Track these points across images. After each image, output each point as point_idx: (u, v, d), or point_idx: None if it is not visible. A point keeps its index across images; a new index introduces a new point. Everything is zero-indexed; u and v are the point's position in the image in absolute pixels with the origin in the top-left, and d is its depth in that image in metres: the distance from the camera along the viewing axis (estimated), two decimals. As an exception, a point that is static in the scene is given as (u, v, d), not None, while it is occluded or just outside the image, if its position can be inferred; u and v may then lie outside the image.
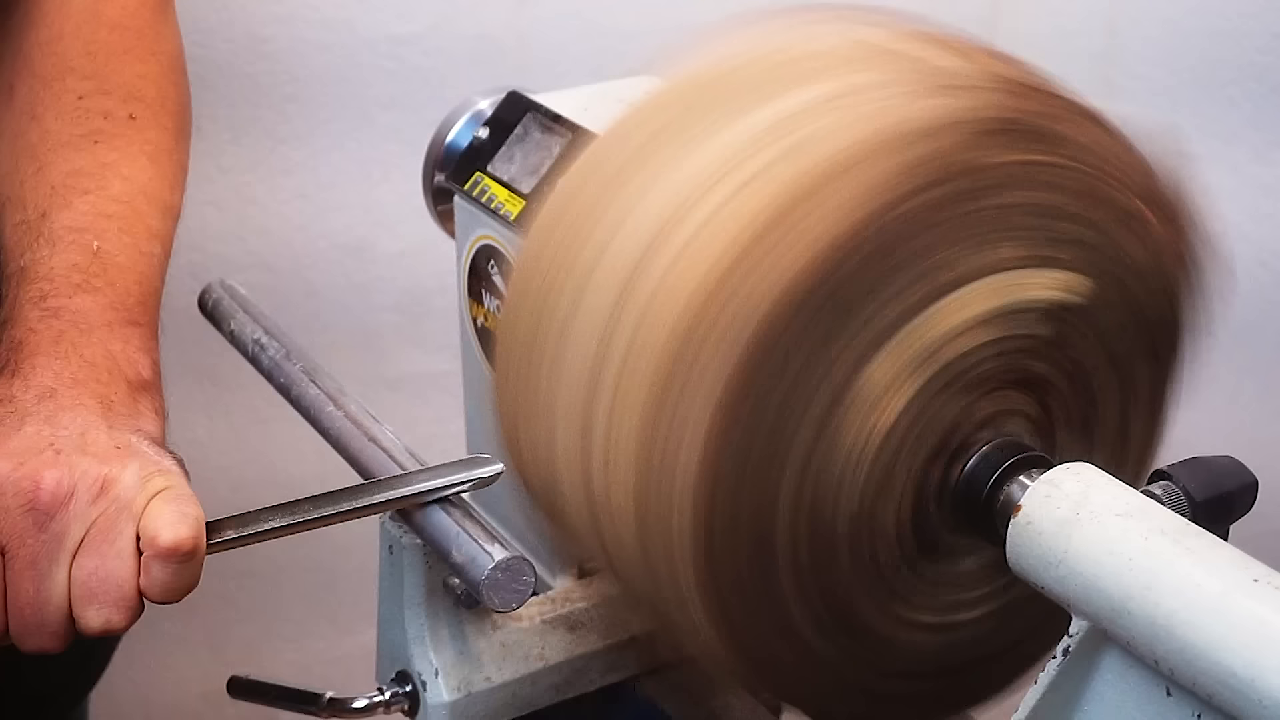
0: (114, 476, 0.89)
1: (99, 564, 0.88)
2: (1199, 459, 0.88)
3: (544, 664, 1.05)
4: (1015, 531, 0.82)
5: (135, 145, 1.07)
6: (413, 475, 0.97)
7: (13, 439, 0.90)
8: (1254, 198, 1.77)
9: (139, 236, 1.03)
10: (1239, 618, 0.73)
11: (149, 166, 1.07)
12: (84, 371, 0.95)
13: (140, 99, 1.09)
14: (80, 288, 0.99)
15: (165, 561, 0.88)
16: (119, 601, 0.88)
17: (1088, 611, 0.80)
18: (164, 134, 1.09)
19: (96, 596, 0.88)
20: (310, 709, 1.04)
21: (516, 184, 1.09)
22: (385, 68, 1.67)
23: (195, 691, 1.81)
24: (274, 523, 0.93)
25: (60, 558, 0.88)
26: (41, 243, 1.01)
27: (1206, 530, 0.79)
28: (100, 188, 1.04)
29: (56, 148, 1.05)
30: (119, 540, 0.88)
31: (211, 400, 1.70)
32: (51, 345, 0.96)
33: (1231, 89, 1.76)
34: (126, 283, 1.01)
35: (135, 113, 1.08)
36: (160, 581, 0.89)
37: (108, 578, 0.88)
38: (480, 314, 1.12)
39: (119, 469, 0.89)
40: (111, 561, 0.88)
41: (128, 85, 1.09)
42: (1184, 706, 0.77)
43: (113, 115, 1.07)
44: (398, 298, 1.76)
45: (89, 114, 1.07)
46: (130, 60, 1.10)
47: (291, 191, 1.70)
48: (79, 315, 0.98)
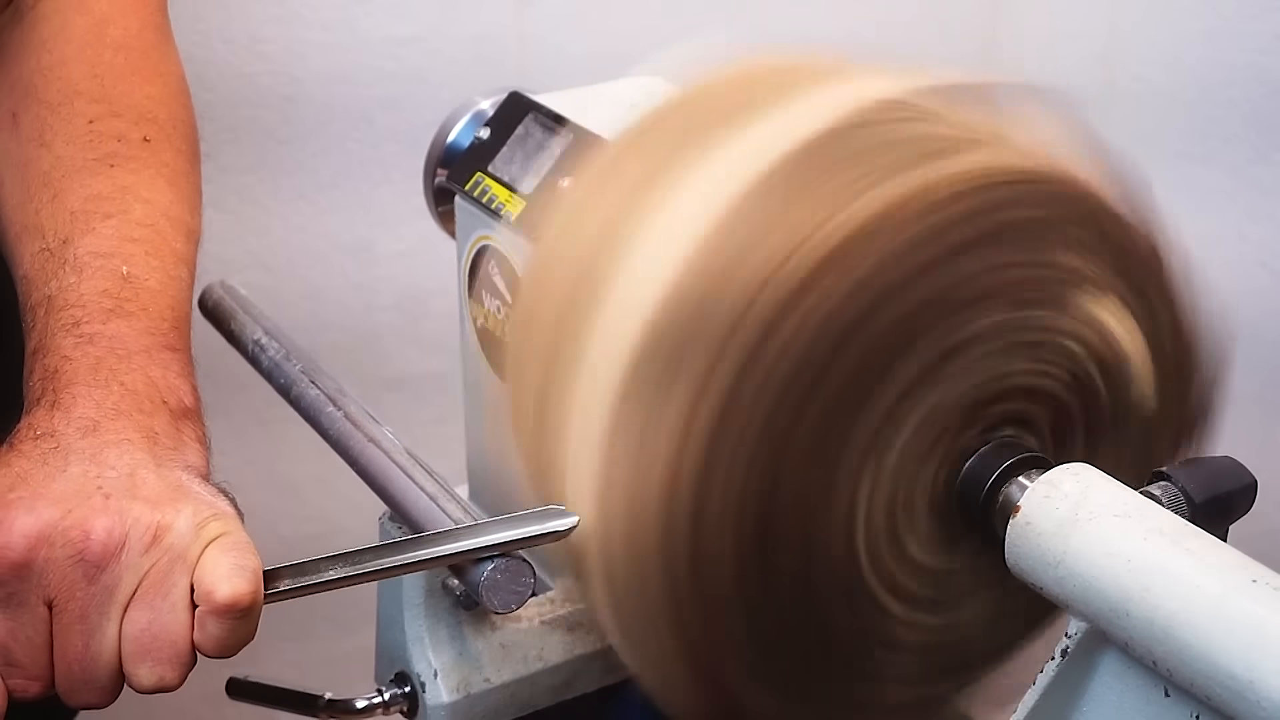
0: (167, 524, 0.84)
1: (152, 618, 0.83)
2: (1198, 459, 0.88)
3: (543, 665, 1.05)
4: (1014, 532, 0.82)
5: (152, 168, 1.03)
6: (482, 526, 0.92)
7: (58, 480, 0.85)
8: (1254, 198, 1.77)
9: (166, 260, 1.00)
10: (1238, 619, 0.73)
11: (168, 190, 1.03)
12: (126, 401, 0.90)
13: (153, 120, 1.06)
14: (114, 313, 0.94)
15: (222, 618, 0.83)
16: (173, 659, 0.84)
17: (1086, 612, 0.80)
18: (179, 156, 1.06)
19: (150, 653, 0.84)
20: (309, 710, 1.04)
21: (517, 184, 1.09)
22: (385, 68, 1.67)
23: (195, 692, 1.81)
24: (333, 573, 0.88)
25: (111, 611, 0.83)
26: (67, 270, 0.97)
27: (1205, 531, 0.79)
28: (122, 211, 1.00)
29: (71, 173, 1.01)
30: (173, 593, 0.83)
31: (211, 400, 1.69)
32: (90, 373, 0.91)
33: (1231, 89, 1.76)
34: (160, 307, 0.97)
35: (149, 135, 1.05)
36: (215, 637, 0.84)
37: (161, 633, 0.83)
38: (481, 314, 1.12)
39: (172, 515, 0.84)
40: (165, 616, 0.83)
41: (138, 107, 1.06)
42: (1182, 707, 0.77)
43: (126, 138, 1.04)
44: (398, 298, 1.76)
45: (102, 137, 1.03)
46: (138, 82, 1.07)
47: (291, 192, 1.70)
48: (115, 341, 0.93)
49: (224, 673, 1.07)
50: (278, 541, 1.81)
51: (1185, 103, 1.77)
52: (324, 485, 1.68)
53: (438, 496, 0.96)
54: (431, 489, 0.97)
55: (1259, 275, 1.76)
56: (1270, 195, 1.78)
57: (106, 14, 1.08)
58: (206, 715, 1.82)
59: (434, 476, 0.99)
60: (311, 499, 1.76)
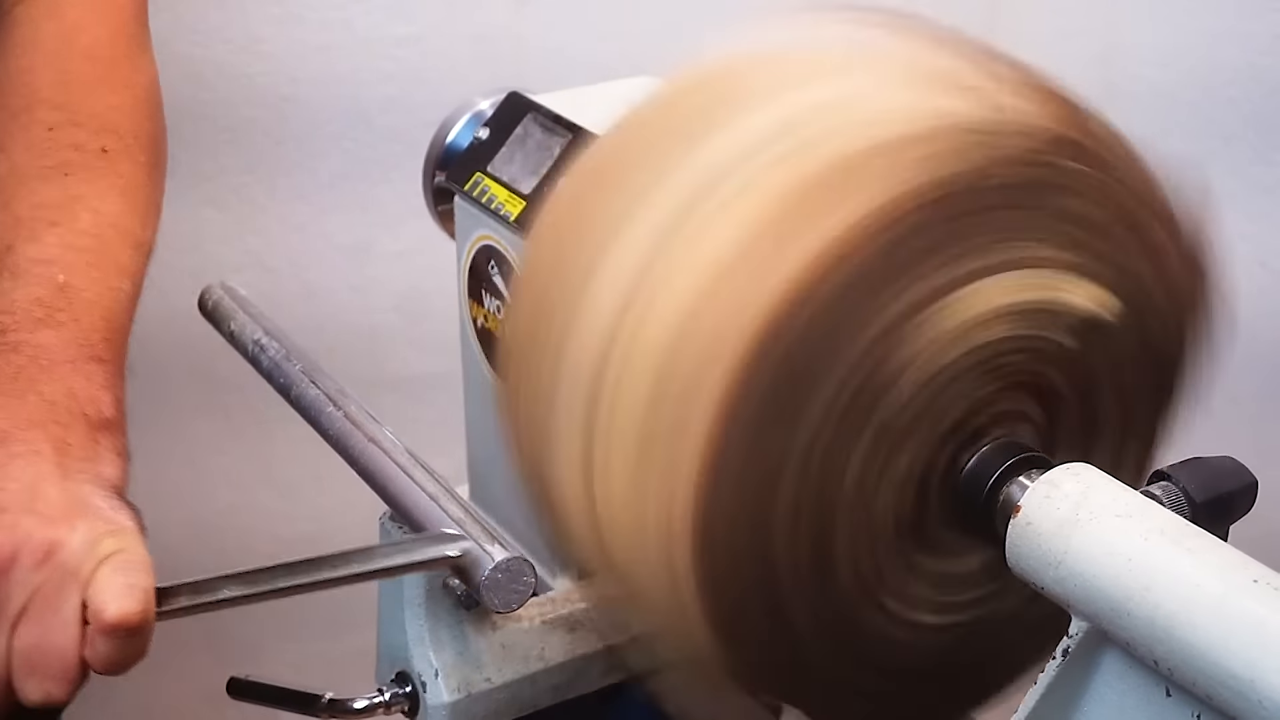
0: (60, 540, 0.84)
1: (41, 634, 0.83)
2: (1199, 459, 0.87)
3: (544, 665, 1.05)
4: (1015, 532, 0.82)
5: (107, 179, 1.03)
6: (377, 549, 0.95)
7: None
8: (1254, 198, 1.77)
9: (108, 271, 0.99)
10: (1238, 618, 0.73)
11: (119, 201, 1.03)
12: (41, 412, 0.90)
13: (113, 131, 1.05)
14: (43, 322, 0.95)
15: (110, 636, 0.83)
16: (61, 674, 0.84)
17: (1087, 612, 0.79)
18: (137, 168, 1.05)
19: (38, 669, 0.84)
20: (310, 710, 1.03)
21: (517, 184, 1.09)
22: (384, 68, 1.67)
23: (195, 692, 1.81)
24: (229, 592, 0.88)
25: (0, 626, 0.84)
26: (5, 276, 0.96)
27: (1206, 531, 0.79)
28: (69, 220, 1.00)
29: (25, 180, 1.01)
30: (63, 609, 0.83)
31: (211, 400, 1.70)
32: (9, 382, 0.91)
33: (1231, 89, 1.76)
34: (92, 318, 0.96)
35: (108, 145, 1.04)
36: (104, 655, 0.84)
37: (50, 649, 0.83)
38: (480, 315, 1.12)
39: (66, 531, 0.84)
40: (55, 633, 0.83)
41: (100, 117, 1.05)
42: (1183, 707, 0.77)
43: (84, 147, 1.03)
44: (397, 298, 1.76)
45: (59, 146, 1.03)
46: (104, 92, 1.06)
47: (291, 192, 1.70)
48: (40, 350, 0.93)
49: (225, 672, 1.07)
50: (277, 542, 1.81)
51: (1184, 103, 1.77)
52: (324, 485, 1.68)
53: (438, 496, 0.97)
54: (432, 489, 0.97)
55: (1259, 275, 1.76)
56: (1270, 195, 1.78)
57: (78, 22, 1.08)
58: (206, 715, 1.82)
59: (434, 476, 0.99)
60: (311, 499, 1.76)
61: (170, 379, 1.69)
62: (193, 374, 1.68)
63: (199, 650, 1.82)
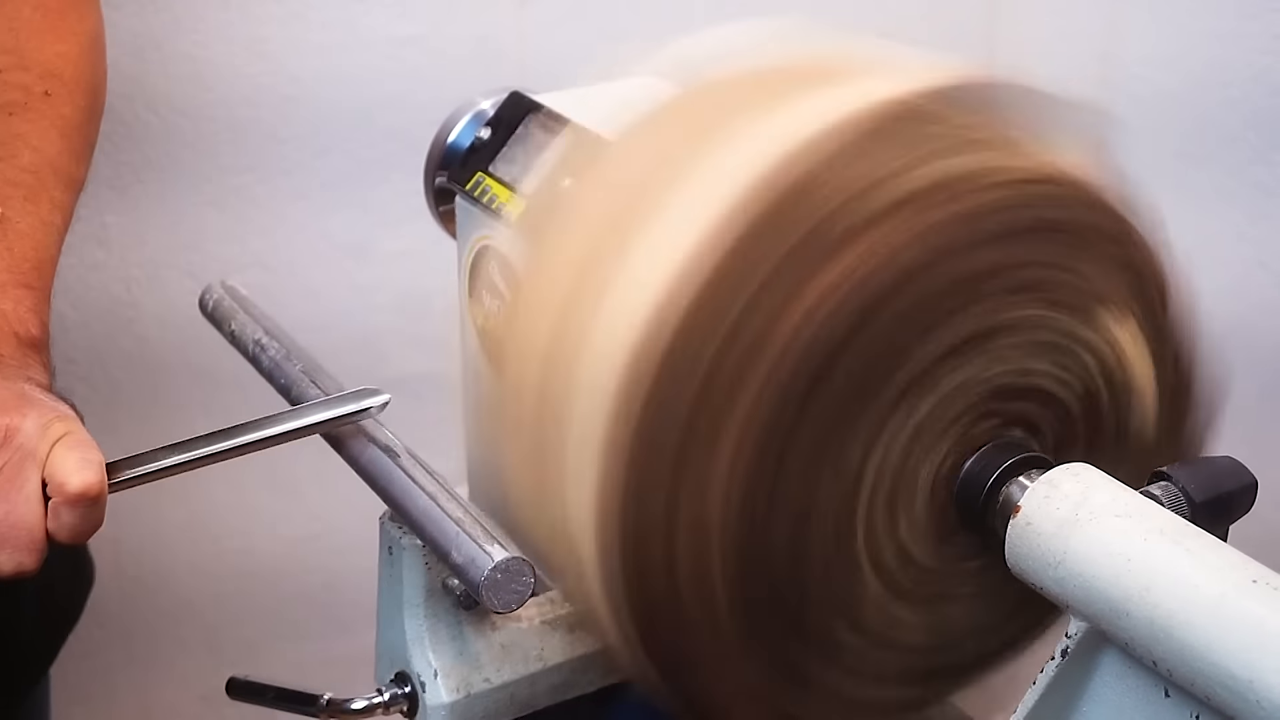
0: (15, 425, 0.92)
1: (8, 510, 0.91)
2: (1198, 459, 0.88)
3: (543, 665, 1.05)
4: (1014, 532, 0.82)
5: (47, 120, 1.11)
6: (303, 409, 1.01)
7: None
8: (1254, 198, 1.77)
9: (42, 206, 1.08)
10: (1238, 619, 0.73)
11: (58, 140, 1.11)
12: None
13: (57, 77, 1.13)
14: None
15: (74, 506, 0.91)
16: (29, 545, 0.91)
17: (1086, 612, 0.79)
18: (77, 111, 1.14)
19: (8, 541, 0.91)
20: (309, 710, 1.04)
21: (518, 185, 1.09)
22: (386, 68, 1.67)
23: (194, 692, 1.81)
24: (168, 460, 0.96)
25: None
26: None
27: (1206, 531, 0.79)
28: (10, 156, 1.09)
29: None
30: (26, 486, 0.91)
31: (212, 401, 1.69)
32: None
33: (1231, 89, 1.76)
34: (24, 248, 1.06)
35: (51, 89, 1.12)
36: (69, 525, 0.92)
37: (18, 523, 0.91)
38: (481, 315, 1.12)
39: (19, 418, 0.92)
40: (20, 507, 0.91)
41: (46, 63, 1.13)
42: (1182, 707, 0.77)
43: (29, 90, 1.11)
44: (398, 298, 1.75)
45: (6, 87, 1.11)
46: (51, 39, 1.14)
47: (291, 191, 1.69)
48: None
49: (224, 672, 1.07)
50: (278, 541, 1.81)
51: (1185, 103, 1.77)
52: (324, 485, 1.68)
53: (437, 496, 0.97)
54: (431, 488, 0.97)
55: (1259, 275, 1.75)
56: (1270, 195, 1.77)
57: None
58: (206, 715, 1.82)
59: (434, 476, 0.99)
60: (312, 498, 1.76)
61: (170, 378, 1.69)
62: (193, 373, 1.68)
63: (199, 650, 1.82)
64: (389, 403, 1.01)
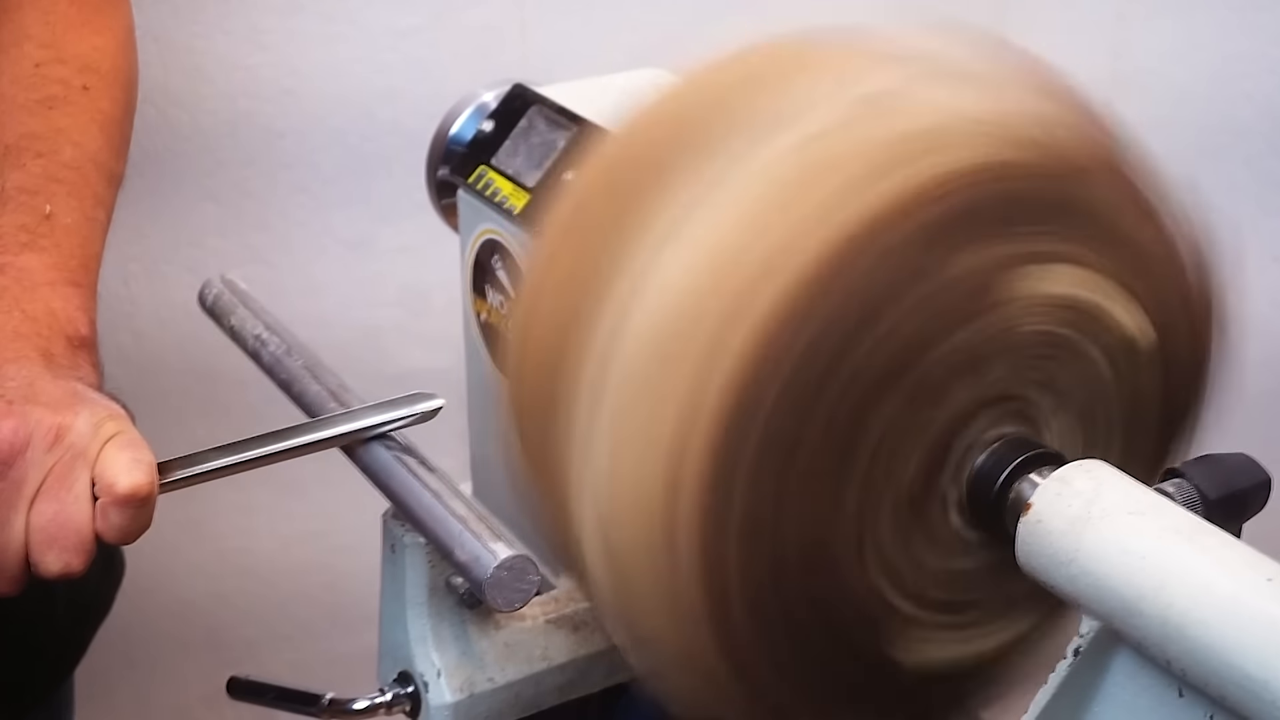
0: (67, 424, 0.92)
1: (58, 510, 0.91)
2: (1212, 456, 0.87)
3: (547, 664, 1.04)
4: (1025, 530, 0.81)
5: (87, 114, 1.11)
6: (356, 412, 1.00)
7: None
8: (1264, 192, 1.77)
9: (85, 201, 1.08)
10: (1253, 618, 0.73)
11: (99, 135, 1.11)
12: (25, 325, 0.98)
13: (95, 70, 1.13)
14: (27, 246, 1.03)
15: (123, 507, 0.91)
16: (78, 546, 0.91)
17: (1099, 611, 0.79)
18: (115, 105, 1.14)
19: (56, 541, 0.91)
20: (310, 710, 1.03)
21: (521, 178, 1.08)
22: (387, 60, 1.67)
23: (195, 692, 1.81)
24: (220, 461, 0.96)
25: (19, 504, 0.90)
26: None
27: (1220, 528, 0.78)
28: (53, 152, 1.08)
29: (12, 110, 1.10)
30: (75, 486, 0.91)
31: (211, 397, 1.69)
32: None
33: (1244, 82, 1.76)
34: (71, 245, 1.05)
35: (89, 84, 1.12)
36: (117, 526, 0.92)
37: (66, 523, 0.91)
38: (484, 309, 1.11)
39: (71, 417, 0.92)
40: (70, 507, 0.91)
41: (83, 57, 1.13)
42: (1196, 708, 0.77)
43: (68, 84, 1.11)
44: (400, 293, 1.75)
45: (45, 81, 1.11)
46: (87, 33, 1.14)
47: (292, 185, 1.69)
48: (23, 272, 1.02)
49: (225, 672, 1.07)
50: (279, 539, 1.81)
51: (1197, 96, 1.77)
52: (326, 482, 1.68)
53: (441, 493, 0.96)
54: (435, 485, 0.97)
55: (1272, 269, 1.75)
56: (1282, 190, 1.78)
57: None
58: (206, 715, 1.82)
59: (437, 473, 0.98)
60: (313, 496, 1.76)
61: (170, 374, 1.69)
62: (193, 369, 1.68)
63: (199, 650, 1.82)
64: (442, 407, 1.01)
